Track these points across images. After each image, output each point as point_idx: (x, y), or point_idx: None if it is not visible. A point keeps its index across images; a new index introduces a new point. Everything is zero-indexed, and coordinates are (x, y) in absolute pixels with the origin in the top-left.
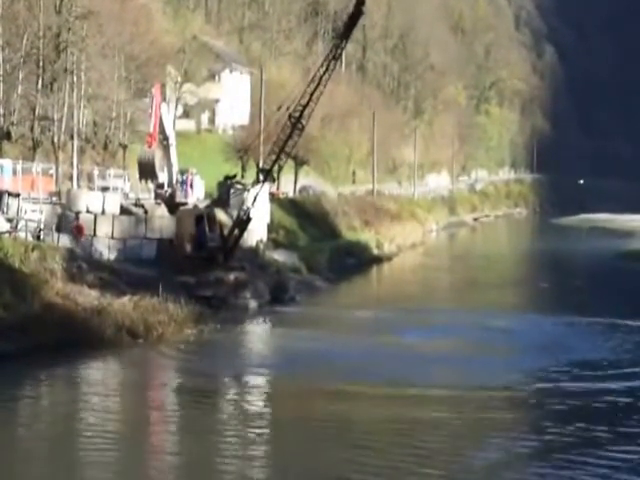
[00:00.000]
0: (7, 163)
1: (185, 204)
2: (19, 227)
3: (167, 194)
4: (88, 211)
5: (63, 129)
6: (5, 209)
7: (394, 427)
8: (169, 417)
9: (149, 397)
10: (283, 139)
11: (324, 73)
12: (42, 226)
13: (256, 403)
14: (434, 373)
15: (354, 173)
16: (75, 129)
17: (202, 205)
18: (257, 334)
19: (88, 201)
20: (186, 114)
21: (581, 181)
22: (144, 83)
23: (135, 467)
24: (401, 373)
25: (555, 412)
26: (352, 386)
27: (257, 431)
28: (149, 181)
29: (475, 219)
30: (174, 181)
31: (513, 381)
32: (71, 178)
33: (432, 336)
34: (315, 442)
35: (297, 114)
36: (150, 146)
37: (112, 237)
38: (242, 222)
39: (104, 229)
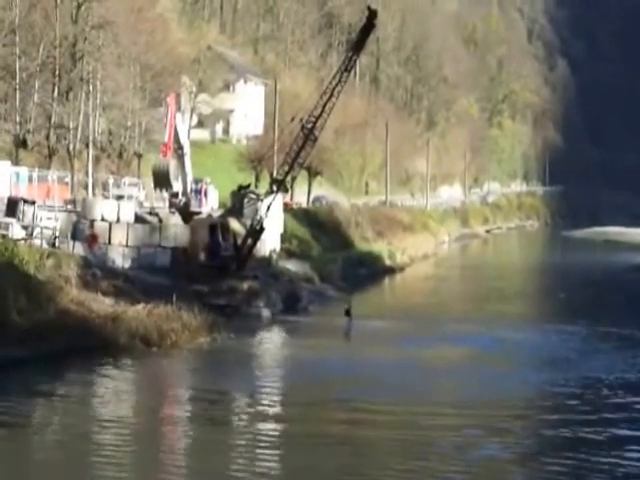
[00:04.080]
0: (23, 171)
1: (199, 213)
2: (34, 234)
3: (181, 203)
4: (103, 219)
5: (79, 137)
6: (21, 216)
7: (406, 439)
8: (180, 426)
9: (161, 405)
10: (296, 150)
11: (337, 85)
12: (57, 233)
13: (268, 413)
14: (445, 386)
15: (367, 184)
16: (90, 138)
17: (216, 214)
18: (270, 344)
19: (103, 209)
20: (201, 124)
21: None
22: (159, 93)
23: (146, 473)
24: (415, 386)
25: (563, 426)
26: (362, 396)
27: (268, 441)
28: (163, 190)
29: (487, 231)
30: (188, 190)
31: (525, 397)
32: (86, 186)
33: (444, 348)
34: (326, 454)
35: (310, 125)
36: (165, 155)
37: (126, 245)
38: (255, 232)
39: (119, 237)
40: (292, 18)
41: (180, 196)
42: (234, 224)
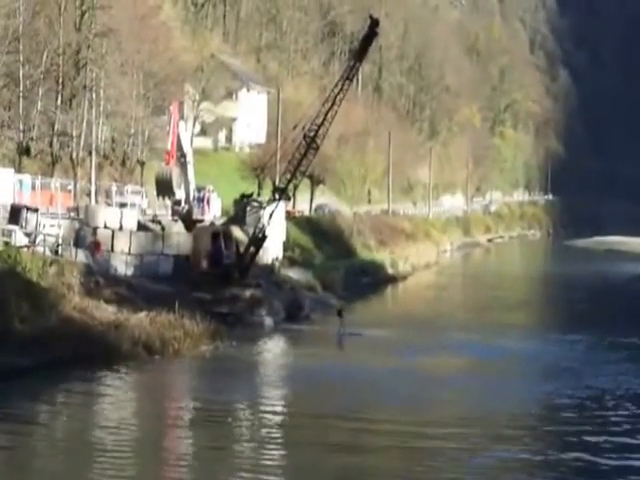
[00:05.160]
0: (26, 178)
1: (202, 221)
2: (37, 242)
3: (184, 211)
4: (106, 227)
5: (82, 145)
6: (24, 224)
7: (407, 450)
8: (182, 434)
9: (163, 413)
10: (298, 158)
11: (338, 93)
12: (60, 241)
13: (269, 422)
14: (447, 396)
15: (369, 193)
16: (94, 145)
17: (218, 222)
18: (272, 352)
19: (106, 217)
20: (203, 132)
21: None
22: (162, 101)
23: None
24: (417, 396)
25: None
26: (363, 406)
27: (269, 450)
28: (166, 198)
29: (489, 240)
30: (191, 198)
31: (528, 408)
32: (89, 194)
33: (446, 357)
34: (327, 464)
35: (312, 133)
36: (168, 163)
37: (129, 253)
38: (258, 240)
39: (121, 245)
40: (295, 27)
41: (183, 204)
42: (237, 232)
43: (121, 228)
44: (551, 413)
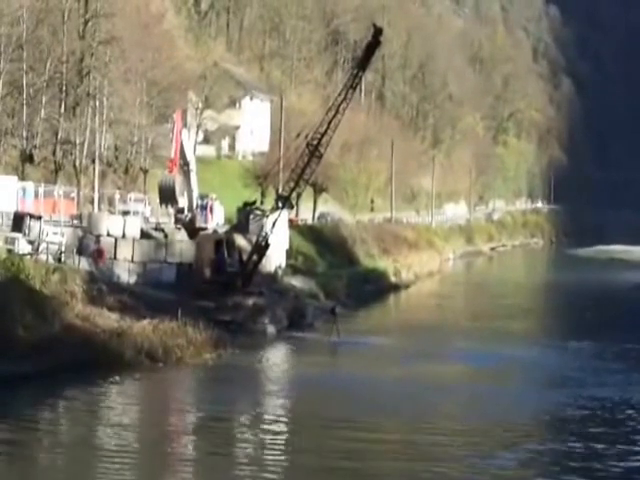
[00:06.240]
0: (29, 186)
1: (205, 229)
2: (40, 249)
3: (187, 219)
4: (109, 234)
5: (85, 153)
6: (27, 231)
7: (411, 461)
8: (183, 442)
9: (165, 422)
10: (301, 166)
11: (342, 101)
12: (63, 248)
13: (270, 430)
14: (449, 405)
15: (372, 201)
16: (97, 153)
17: (221, 230)
18: (275, 360)
19: (109, 225)
20: (206, 140)
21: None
22: (165, 109)
23: None
24: (420, 405)
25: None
26: (365, 414)
27: (270, 457)
28: (169, 206)
29: (492, 249)
30: (194, 206)
31: (532, 417)
32: (92, 201)
33: (449, 366)
34: (329, 472)
35: (315, 142)
36: (171, 171)
37: (132, 261)
38: (261, 248)
39: (124, 252)
40: (298, 35)
41: (186, 212)
42: (240, 240)
43: (124, 236)
44: (555, 422)
